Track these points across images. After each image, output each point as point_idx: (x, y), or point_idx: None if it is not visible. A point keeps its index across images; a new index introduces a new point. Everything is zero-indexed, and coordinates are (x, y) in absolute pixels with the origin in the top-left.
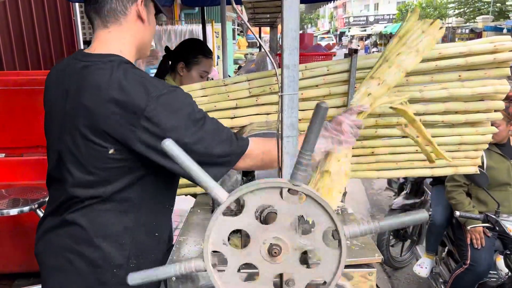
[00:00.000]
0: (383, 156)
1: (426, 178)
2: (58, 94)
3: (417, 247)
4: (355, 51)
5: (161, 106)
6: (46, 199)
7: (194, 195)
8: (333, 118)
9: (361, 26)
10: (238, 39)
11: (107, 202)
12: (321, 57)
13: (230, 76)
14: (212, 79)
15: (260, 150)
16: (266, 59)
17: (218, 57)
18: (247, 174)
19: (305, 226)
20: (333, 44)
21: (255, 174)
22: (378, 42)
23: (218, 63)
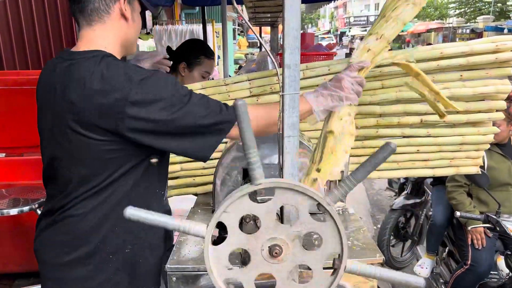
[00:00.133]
0: None
1: (426, 178)
2: (47, 94)
3: (417, 248)
4: None
5: (144, 89)
6: None
7: (195, 194)
8: (333, 76)
9: (361, 26)
10: (238, 39)
11: (101, 194)
12: (322, 56)
13: (230, 76)
14: (213, 79)
15: (253, 115)
16: (267, 59)
17: (218, 57)
18: (248, 175)
19: (288, 216)
20: (333, 44)
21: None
22: None
23: (218, 63)
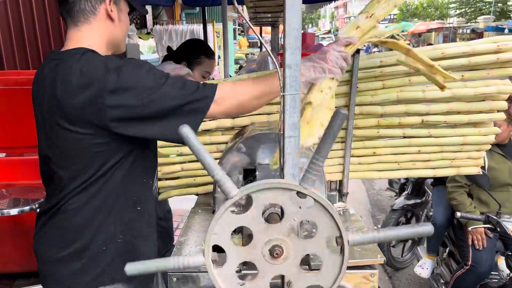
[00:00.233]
0: (385, 156)
1: (427, 178)
2: (39, 94)
3: (418, 248)
4: (357, 51)
5: (120, 76)
6: None
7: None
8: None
9: None
10: (239, 39)
11: (91, 188)
12: None
13: (231, 76)
14: (213, 79)
15: (233, 92)
16: (268, 59)
17: (219, 57)
18: (248, 175)
19: (308, 229)
20: None
21: (256, 175)
22: None
23: (219, 63)
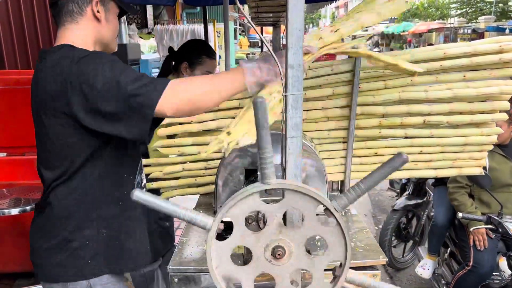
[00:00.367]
0: (387, 156)
1: (428, 179)
2: (32, 94)
3: (419, 248)
4: None
5: (81, 66)
6: None
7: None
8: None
9: None
10: (240, 39)
11: (71, 181)
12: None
13: None
14: None
15: (184, 86)
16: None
17: (220, 56)
18: (250, 175)
19: (293, 219)
20: None
21: (258, 176)
22: (380, 42)
23: (220, 63)
